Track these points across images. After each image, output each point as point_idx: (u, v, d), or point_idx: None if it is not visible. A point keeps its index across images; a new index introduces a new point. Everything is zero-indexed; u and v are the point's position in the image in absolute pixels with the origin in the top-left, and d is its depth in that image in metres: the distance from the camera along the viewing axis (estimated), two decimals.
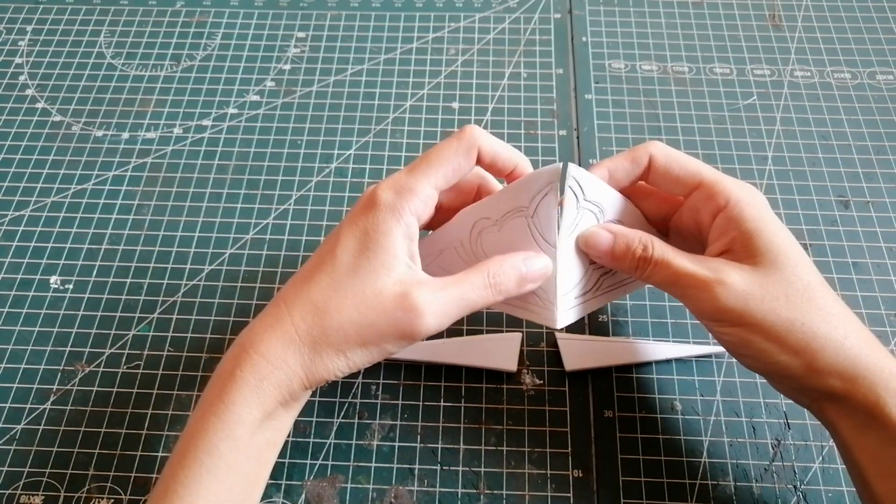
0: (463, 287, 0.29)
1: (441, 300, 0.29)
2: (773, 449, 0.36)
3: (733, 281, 0.28)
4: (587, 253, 0.31)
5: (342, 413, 0.38)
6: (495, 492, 0.36)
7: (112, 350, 0.40)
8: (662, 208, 0.33)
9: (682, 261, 0.29)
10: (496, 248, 0.32)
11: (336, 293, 0.29)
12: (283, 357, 0.28)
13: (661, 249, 0.30)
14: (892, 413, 0.27)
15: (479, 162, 0.31)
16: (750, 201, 0.30)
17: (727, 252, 0.30)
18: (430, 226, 0.34)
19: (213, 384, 0.29)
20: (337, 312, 0.28)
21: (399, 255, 0.29)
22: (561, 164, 0.30)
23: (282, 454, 0.36)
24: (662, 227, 0.34)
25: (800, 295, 0.28)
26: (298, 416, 0.37)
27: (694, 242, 0.32)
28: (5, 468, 0.36)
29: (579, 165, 0.46)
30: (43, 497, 0.36)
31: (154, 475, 0.36)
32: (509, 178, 0.32)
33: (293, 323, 0.29)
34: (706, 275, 0.29)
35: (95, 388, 0.39)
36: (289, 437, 0.37)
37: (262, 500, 0.35)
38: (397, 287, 0.28)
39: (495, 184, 0.34)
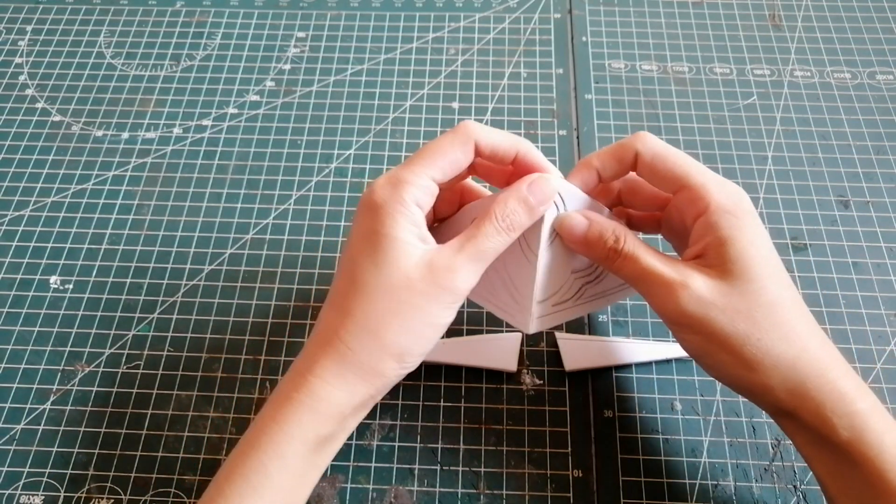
0: (479, 241, 0.29)
1: (464, 259, 0.29)
2: (772, 449, 0.36)
3: (697, 287, 0.28)
4: (562, 237, 0.31)
5: None
6: (495, 492, 0.36)
7: (112, 350, 0.40)
8: (652, 203, 0.33)
9: (651, 259, 0.29)
10: None
11: (371, 297, 0.29)
12: (341, 374, 0.29)
13: (632, 244, 0.30)
14: (840, 434, 0.27)
15: (479, 154, 0.31)
16: (730, 209, 0.29)
17: (700, 257, 0.29)
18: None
19: (266, 408, 0.29)
20: (378, 315, 0.28)
21: (411, 241, 0.29)
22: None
23: None
24: (653, 223, 0.34)
25: (762, 310, 0.28)
26: None
27: (682, 241, 0.32)
28: (5, 468, 0.36)
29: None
30: (43, 497, 0.36)
31: (154, 475, 0.36)
32: (515, 166, 0.32)
33: (342, 341, 0.29)
34: (671, 276, 0.28)
35: (95, 388, 0.38)
36: None
37: None
38: (421, 265, 0.28)
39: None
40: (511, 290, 0.32)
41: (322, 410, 0.28)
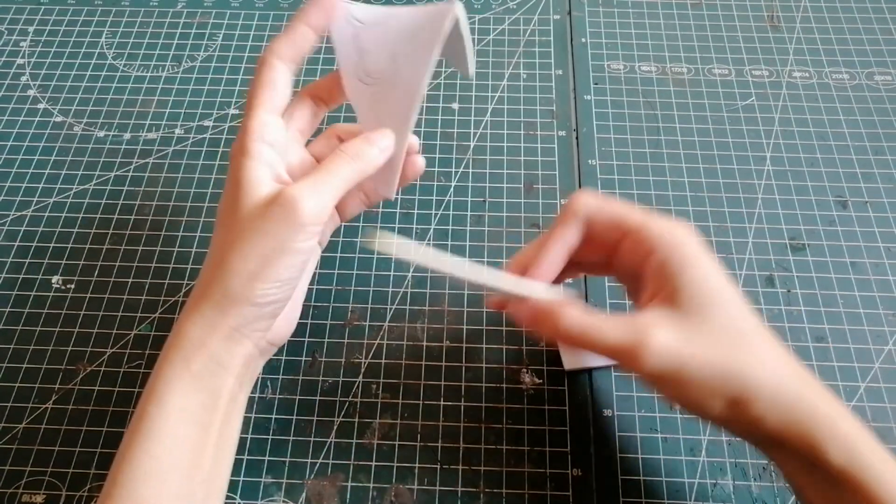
0: (324, 167, 0.30)
1: (307, 184, 0.30)
2: None
3: (659, 341, 0.27)
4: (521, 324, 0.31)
5: (343, 412, 0.38)
6: (495, 490, 0.36)
7: (114, 350, 0.40)
8: (600, 252, 0.32)
9: (599, 330, 0.28)
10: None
11: (221, 234, 0.30)
12: (198, 308, 0.30)
13: (572, 314, 0.29)
14: (830, 457, 0.27)
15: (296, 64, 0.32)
16: (676, 246, 0.29)
17: (657, 298, 0.29)
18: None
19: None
20: (225, 246, 0.29)
21: (263, 180, 0.30)
22: None
23: (282, 453, 0.36)
24: (604, 266, 0.33)
25: (732, 341, 0.27)
26: (299, 416, 0.38)
27: (637, 283, 0.31)
28: (7, 467, 0.36)
29: (578, 167, 0.46)
30: (45, 496, 0.36)
31: None
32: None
33: (197, 281, 0.31)
34: (625, 340, 0.27)
35: (97, 388, 0.39)
36: (289, 436, 0.37)
37: (262, 499, 0.35)
38: (269, 198, 0.29)
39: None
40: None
41: (185, 346, 0.29)
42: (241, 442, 0.34)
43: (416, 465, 0.36)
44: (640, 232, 0.29)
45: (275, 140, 0.31)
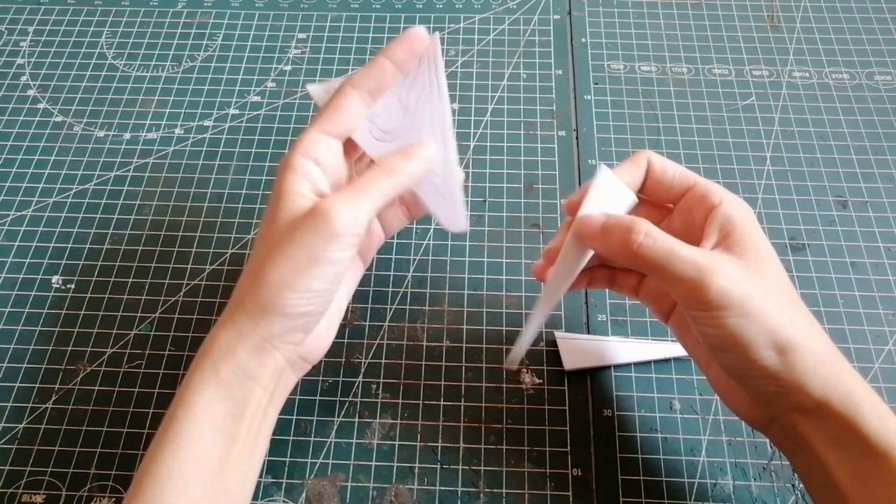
0: (360, 180, 0.31)
1: (345, 195, 0.30)
2: (771, 448, 0.36)
3: (728, 268, 0.27)
4: (581, 238, 0.30)
5: (343, 412, 0.38)
6: (495, 490, 0.36)
7: (114, 349, 0.40)
8: (651, 216, 0.33)
9: (676, 242, 0.28)
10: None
11: (259, 245, 0.30)
12: (230, 316, 0.30)
13: (653, 227, 0.28)
14: (869, 425, 0.27)
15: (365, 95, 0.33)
16: (741, 208, 0.30)
17: (720, 246, 0.29)
18: None
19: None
20: (261, 256, 0.30)
21: (303, 193, 0.30)
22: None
23: (282, 453, 0.36)
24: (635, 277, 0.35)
25: (783, 296, 0.28)
26: (299, 416, 0.38)
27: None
28: (7, 467, 0.36)
29: (578, 167, 0.46)
30: (44, 496, 0.36)
31: None
32: None
33: (234, 290, 0.31)
34: (701, 257, 0.27)
35: (97, 388, 0.39)
36: (289, 436, 0.37)
37: (262, 499, 0.35)
38: (306, 210, 0.30)
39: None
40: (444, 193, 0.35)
41: (215, 352, 0.29)
42: None
43: (416, 465, 0.36)
44: (709, 186, 0.31)
45: (321, 157, 0.31)
